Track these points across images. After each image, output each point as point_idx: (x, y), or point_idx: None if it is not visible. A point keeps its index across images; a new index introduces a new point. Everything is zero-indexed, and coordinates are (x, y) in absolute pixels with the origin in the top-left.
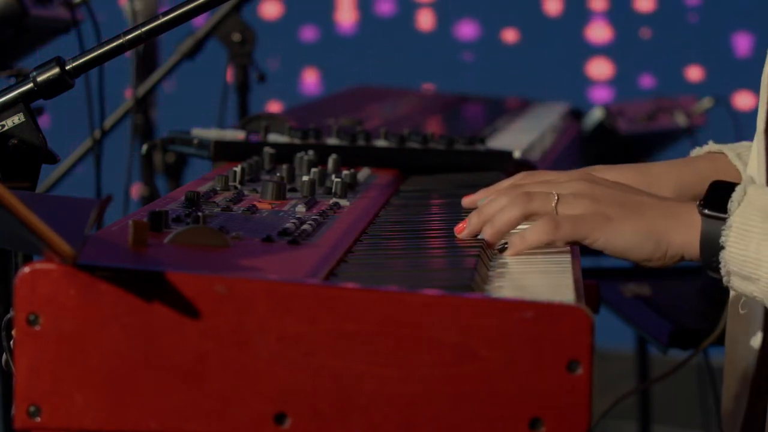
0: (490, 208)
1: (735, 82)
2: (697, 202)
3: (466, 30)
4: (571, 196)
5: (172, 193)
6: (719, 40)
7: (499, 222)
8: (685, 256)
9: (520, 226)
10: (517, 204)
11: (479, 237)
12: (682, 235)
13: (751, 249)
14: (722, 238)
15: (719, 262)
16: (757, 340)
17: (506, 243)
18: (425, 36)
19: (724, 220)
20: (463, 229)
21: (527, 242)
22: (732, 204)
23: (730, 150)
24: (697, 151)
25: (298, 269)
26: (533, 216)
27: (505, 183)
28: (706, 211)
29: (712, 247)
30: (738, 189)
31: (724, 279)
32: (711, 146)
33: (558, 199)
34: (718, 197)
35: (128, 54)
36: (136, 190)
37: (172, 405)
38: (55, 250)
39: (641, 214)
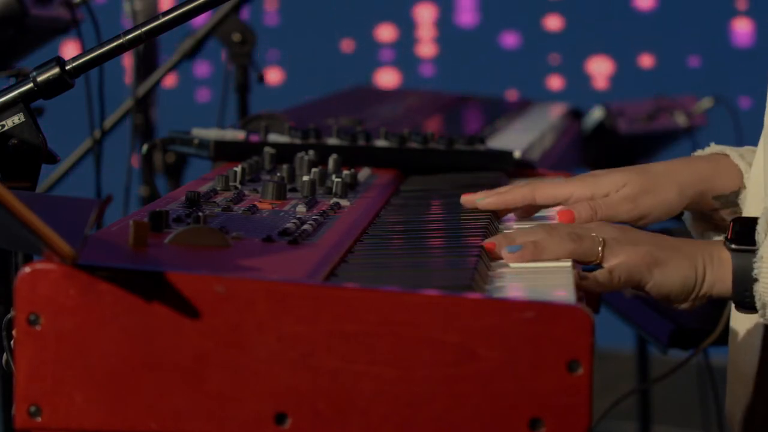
0: (525, 238)
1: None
2: (722, 240)
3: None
4: (614, 241)
5: (172, 193)
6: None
7: (547, 250)
8: (713, 294)
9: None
10: (570, 242)
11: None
12: (715, 273)
13: None
14: (755, 271)
15: (752, 297)
16: (759, 343)
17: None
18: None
19: (753, 252)
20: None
21: (589, 289)
22: (759, 235)
23: (732, 150)
24: (699, 153)
25: (298, 269)
26: (578, 257)
27: (507, 188)
28: (734, 246)
29: (745, 281)
30: (761, 220)
31: (759, 312)
32: (714, 147)
33: (604, 243)
34: (743, 231)
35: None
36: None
37: (171, 405)
38: (55, 250)
39: (681, 255)
